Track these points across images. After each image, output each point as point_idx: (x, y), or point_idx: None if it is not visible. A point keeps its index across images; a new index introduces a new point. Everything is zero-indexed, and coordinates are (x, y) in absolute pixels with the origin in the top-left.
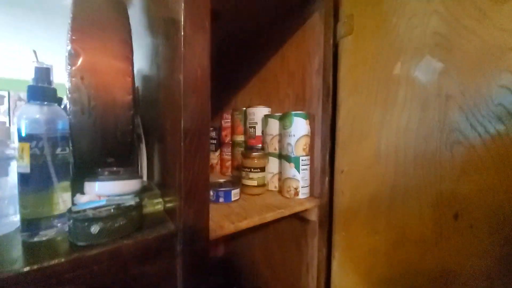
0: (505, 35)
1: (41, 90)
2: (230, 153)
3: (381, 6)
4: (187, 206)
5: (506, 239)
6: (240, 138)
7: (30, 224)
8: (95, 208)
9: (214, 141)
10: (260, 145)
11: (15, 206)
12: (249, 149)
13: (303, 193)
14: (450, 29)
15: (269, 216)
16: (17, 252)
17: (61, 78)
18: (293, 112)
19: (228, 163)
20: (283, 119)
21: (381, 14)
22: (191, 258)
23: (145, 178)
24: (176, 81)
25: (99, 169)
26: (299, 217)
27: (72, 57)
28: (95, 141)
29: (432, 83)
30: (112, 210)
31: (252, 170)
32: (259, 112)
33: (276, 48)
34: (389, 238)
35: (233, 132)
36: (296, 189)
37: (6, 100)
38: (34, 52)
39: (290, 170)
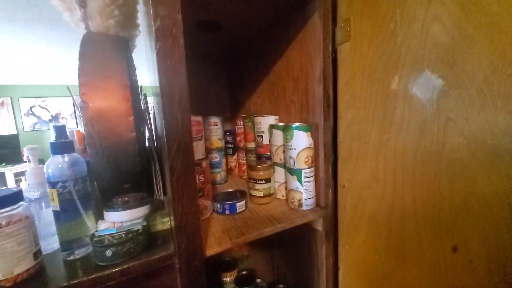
0: None
1: (61, 145)
2: (245, 158)
3: (377, 7)
4: (180, 233)
5: (506, 281)
6: (251, 145)
7: (66, 245)
8: (110, 235)
9: (231, 145)
10: (268, 153)
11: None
12: (257, 159)
13: (308, 204)
14: (452, 41)
15: (267, 231)
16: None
17: None
18: (293, 125)
19: (244, 167)
20: (285, 131)
21: (378, 18)
22: (188, 274)
23: (160, 194)
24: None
25: (113, 200)
26: (308, 225)
27: (83, 109)
28: (112, 174)
29: (431, 102)
30: (122, 236)
31: (258, 181)
32: (265, 121)
33: (281, 52)
34: (388, 260)
35: (245, 139)
36: (299, 200)
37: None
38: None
39: (293, 182)
